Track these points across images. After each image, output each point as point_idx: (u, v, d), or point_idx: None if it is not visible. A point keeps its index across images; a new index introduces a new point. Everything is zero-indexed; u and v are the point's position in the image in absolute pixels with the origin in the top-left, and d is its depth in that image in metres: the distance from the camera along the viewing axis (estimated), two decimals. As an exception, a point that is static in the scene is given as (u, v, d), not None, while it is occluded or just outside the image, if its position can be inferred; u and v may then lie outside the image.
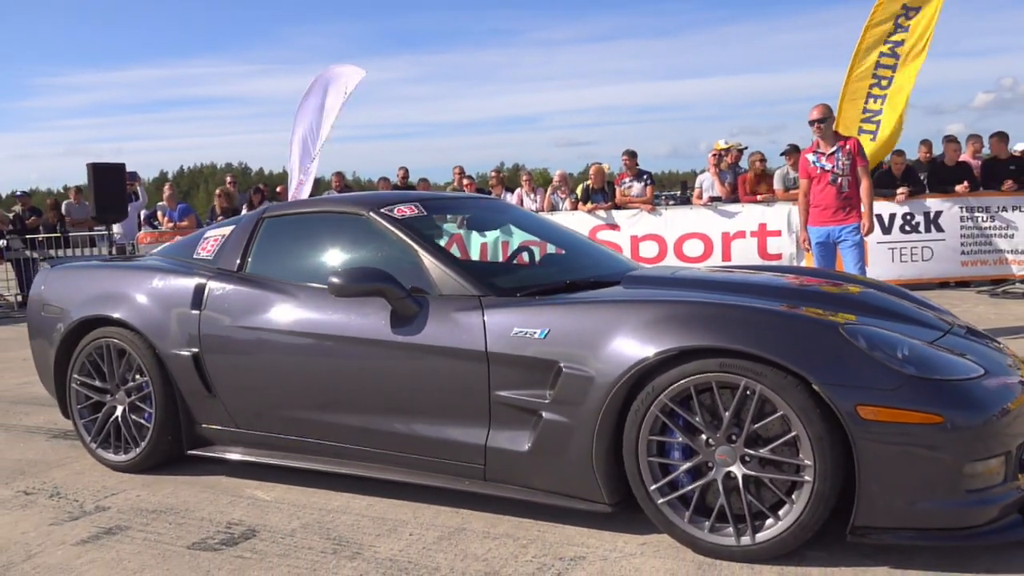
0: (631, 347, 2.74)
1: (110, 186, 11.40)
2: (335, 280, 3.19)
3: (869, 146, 8.65)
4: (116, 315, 3.86)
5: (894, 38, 8.59)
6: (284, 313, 3.51)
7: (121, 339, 3.85)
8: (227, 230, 4.02)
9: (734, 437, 2.63)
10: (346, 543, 2.95)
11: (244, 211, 12.12)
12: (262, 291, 3.62)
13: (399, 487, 3.34)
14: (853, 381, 2.48)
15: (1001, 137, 10.03)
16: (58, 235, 12.55)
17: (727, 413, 2.62)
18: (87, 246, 12.66)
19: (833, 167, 6.05)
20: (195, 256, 4.01)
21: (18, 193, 15.39)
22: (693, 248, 10.09)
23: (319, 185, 13.50)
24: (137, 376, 3.84)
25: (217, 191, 12.75)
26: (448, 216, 4.05)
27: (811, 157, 6.22)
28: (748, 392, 2.58)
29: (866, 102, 8.64)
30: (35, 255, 12.88)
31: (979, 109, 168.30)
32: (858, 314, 3.04)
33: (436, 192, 6.56)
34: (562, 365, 2.85)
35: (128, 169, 12.13)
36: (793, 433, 2.54)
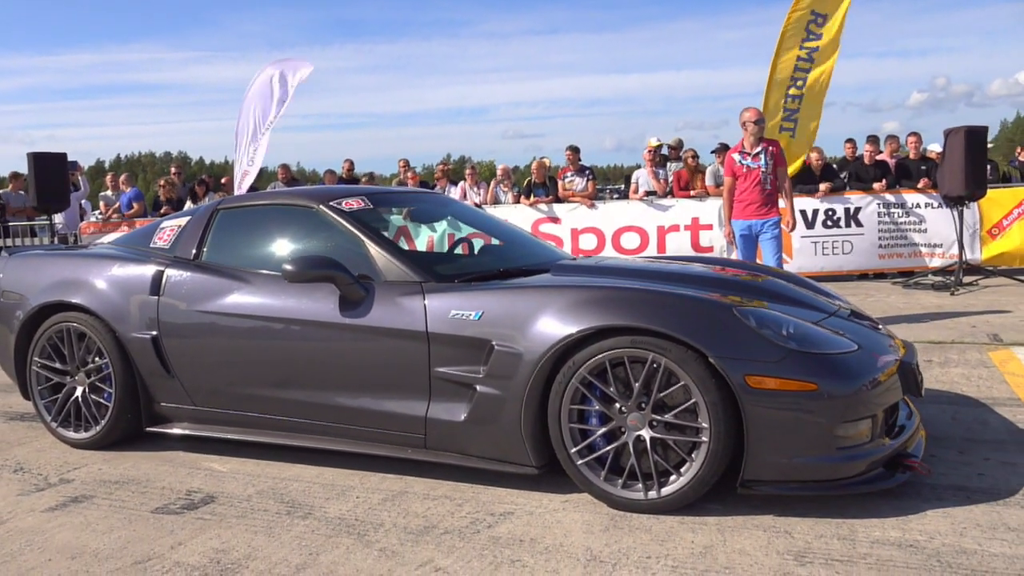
0: (555, 327, 3.09)
1: (51, 175, 11.37)
2: (288, 267, 3.48)
3: (789, 142, 9.20)
4: (76, 300, 4.08)
5: (808, 44, 9.15)
6: (239, 298, 3.78)
7: (81, 323, 4.07)
8: (183, 221, 4.27)
9: (643, 405, 3.01)
10: (298, 505, 3.26)
11: (188, 202, 12.22)
12: (218, 278, 3.88)
13: (347, 457, 3.65)
14: (742, 354, 2.88)
15: (917, 138, 10.72)
16: (-1, 224, 12.44)
17: (637, 384, 3.00)
18: (28, 236, 12.58)
19: (758, 167, 6.52)
20: (152, 245, 4.24)
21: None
22: (630, 241, 10.53)
23: (263, 176, 13.61)
24: (97, 358, 4.07)
25: (161, 181, 12.78)
26: (393, 209, 4.35)
27: (736, 157, 6.68)
28: (655, 365, 2.96)
29: (785, 101, 9.18)
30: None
31: (914, 107, 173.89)
32: (762, 299, 3.46)
33: (381, 187, 6.83)
34: (494, 343, 3.19)
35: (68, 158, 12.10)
36: (693, 400, 2.92)
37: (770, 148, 6.54)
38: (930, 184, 9.87)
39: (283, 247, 3.96)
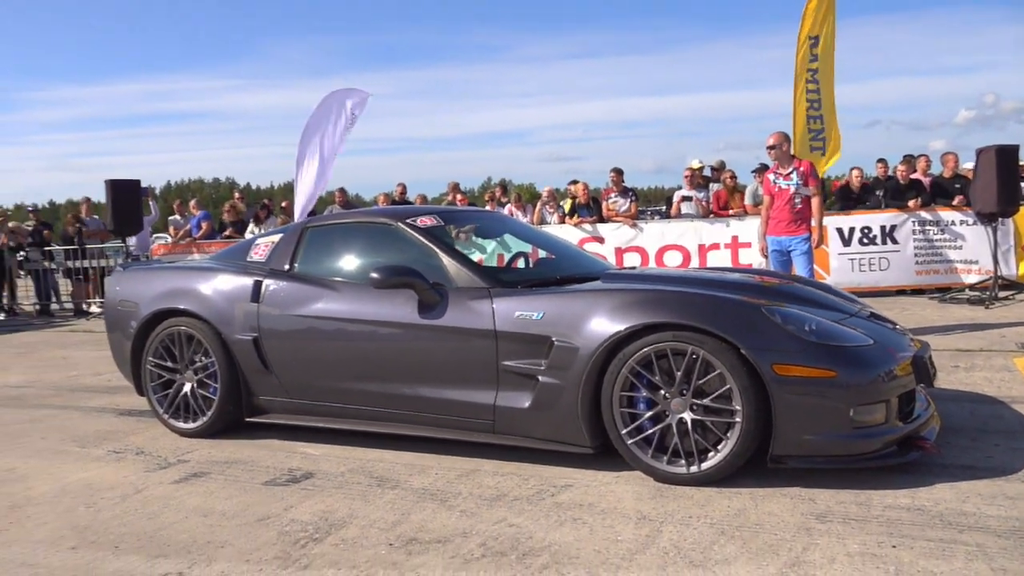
0: (607, 324, 3.59)
1: (127, 201, 12.23)
2: (374, 275, 4.04)
3: (821, 161, 9.63)
4: (186, 307, 4.69)
5: (812, 65, 9.65)
6: (328, 304, 4.34)
7: (190, 327, 4.67)
8: (276, 238, 4.86)
9: (684, 391, 3.48)
10: (386, 480, 3.78)
11: (251, 224, 12.97)
12: (309, 287, 4.45)
13: (423, 442, 4.18)
14: (770, 346, 3.35)
15: (952, 157, 11.04)
16: (76, 247, 13.31)
17: (679, 373, 3.48)
18: (102, 257, 13.42)
19: (790, 186, 6.97)
20: (249, 259, 4.84)
21: (30, 208, 16.17)
22: (672, 259, 10.98)
23: (318, 199, 14.33)
24: (203, 357, 4.66)
25: (226, 206, 13.57)
26: (459, 225, 4.89)
27: (771, 177, 7.14)
28: (694, 356, 3.44)
29: (809, 123, 9.63)
30: (52, 266, 13.67)
31: (961, 125, 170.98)
32: (789, 303, 3.92)
33: (448, 207, 7.41)
34: (554, 339, 3.70)
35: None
36: (727, 387, 3.39)
37: (801, 167, 6.98)
38: (964, 202, 10.17)
39: (366, 259, 4.51)
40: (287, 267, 4.64)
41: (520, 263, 5.09)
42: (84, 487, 3.87)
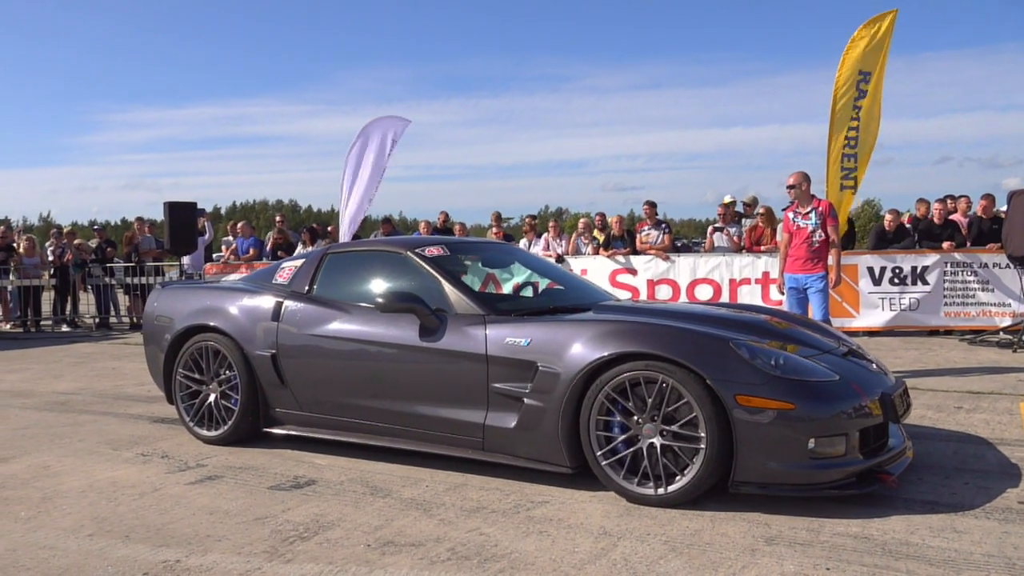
0: (585, 352, 3.85)
1: (183, 222, 12.90)
2: (380, 300, 4.38)
3: (850, 199, 9.69)
4: (214, 324, 5.09)
5: (859, 102, 9.68)
6: (340, 325, 4.69)
7: (217, 342, 5.07)
8: (299, 262, 5.25)
9: (655, 417, 3.72)
10: (380, 489, 4.08)
11: (298, 246, 13.53)
12: (324, 308, 4.81)
13: (421, 456, 4.47)
14: (733, 378, 3.57)
15: (988, 199, 10.99)
16: (133, 264, 14.03)
17: (650, 400, 3.71)
18: (159, 275, 14.11)
19: (808, 225, 7.13)
20: (274, 281, 5.23)
21: (95, 226, 17.05)
22: (703, 293, 11.13)
23: (366, 224, 14.87)
24: (227, 371, 5.04)
25: (277, 229, 14.18)
26: (467, 255, 5.20)
27: (791, 215, 7.31)
28: (664, 385, 3.67)
29: (843, 161, 9.70)
30: (112, 282, 14.42)
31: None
32: (779, 341, 4.11)
33: (459, 237, 7.75)
34: (539, 364, 3.97)
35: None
36: (694, 414, 3.61)
37: (819, 207, 7.13)
38: (996, 247, 10.12)
39: (377, 285, 4.85)
40: (306, 289, 5.02)
41: (527, 292, 5.38)
42: (109, 484, 4.26)
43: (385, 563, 3.11)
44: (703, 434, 3.59)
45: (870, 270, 10.51)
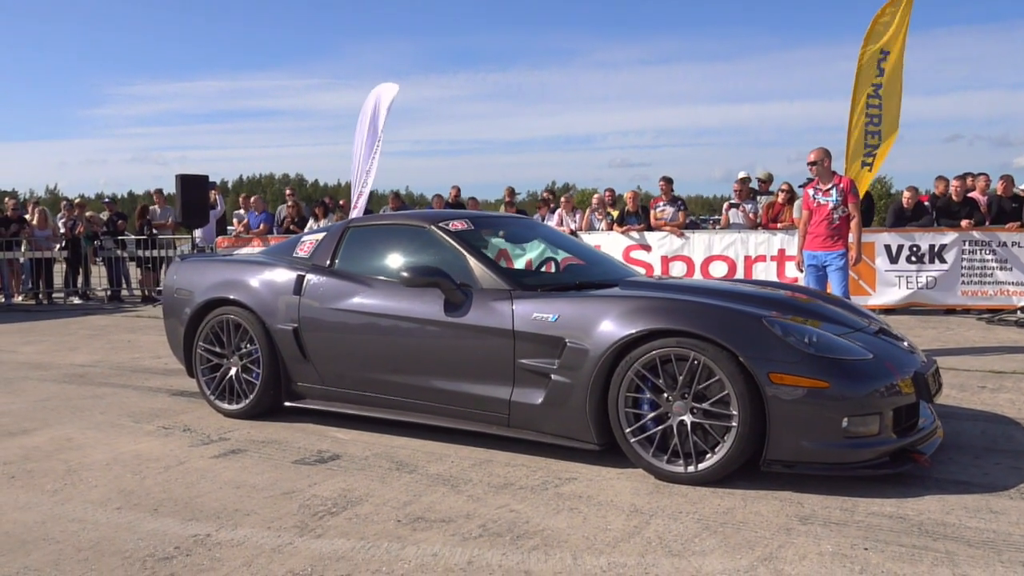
0: (615, 329, 3.81)
1: (195, 195, 12.85)
2: (404, 274, 4.33)
3: (868, 177, 9.57)
4: (235, 297, 5.05)
5: (876, 80, 9.57)
6: (363, 299, 4.65)
7: (238, 316, 5.03)
8: (320, 236, 5.20)
9: (686, 395, 3.68)
10: (405, 464, 4.06)
11: (310, 221, 13.47)
12: (347, 283, 4.77)
13: (444, 432, 4.45)
14: (767, 355, 3.52)
15: (1007, 178, 10.87)
16: (145, 237, 14.00)
17: (681, 377, 3.67)
18: (171, 248, 14.08)
19: (828, 202, 7.04)
20: (294, 255, 5.19)
21: (105, 199, 17.02)
22: (718, 270, 11.05)
23: (373, 198, 14.80)
24: (248, 345, 5.01)
25: (289, 203, 14.12)
26: (491, 230, 5.15)
27: (811, 192, 7.22)
28: (695, 362, 3.63)
29: (866, 138, 9.58)
30: (124, 254, 14.41)
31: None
32: (798, 315, 4.07)
33: (482, 211, 7.70)
34: (567, 341, 3.93)
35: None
36: (726, 392, 3.57)
37: (840, 184, 7.04)
38: (1016, 226, 10.01)
39: (400, 259, 4.80)
40: (328, 263, 4.97)
41: (552, 267, 5.32)
42: (133, 457, 4.25)
43: (417, 539, 3.08)
44: (735, 412, 3.54)
45: (887, 248, 10.41)
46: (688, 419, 3.67)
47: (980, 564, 2.79)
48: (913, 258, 10.36)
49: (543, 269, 5.38)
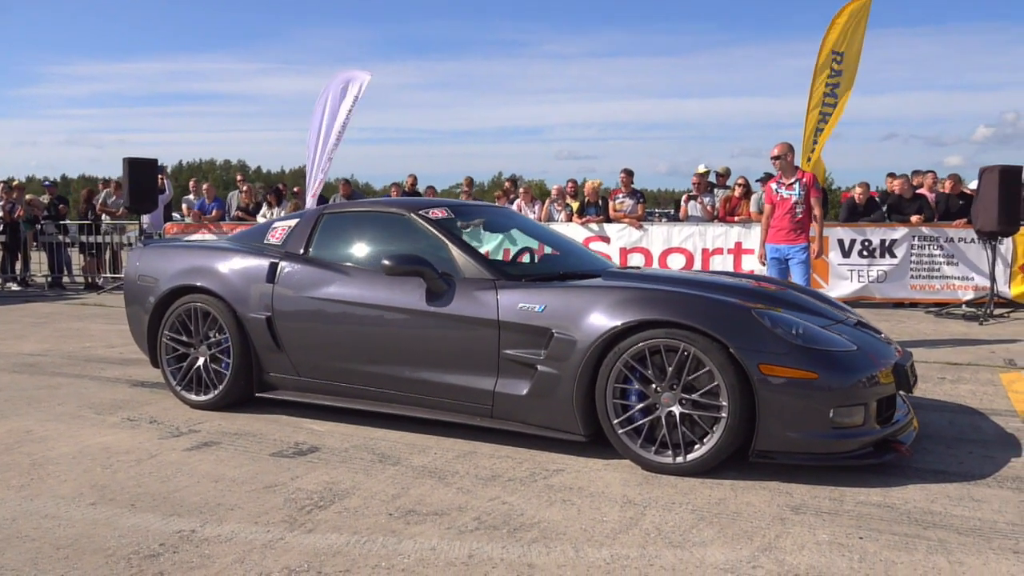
0: (604, 319, 3.79)
1: (143, 179, 12.45)
2: (386, 262, 4.23)
3: (808, 169, 9.81)
4: (204, 285, 4.89)
5: (831, 80, 9.81)
6: (340, 288, 4.54)
7: (207, 304, 4.87)
8: (292, 222, 5.06)
9: (674, 386, 3.68)
10: (387, 456, 3.98)
11: (263, 208, 13.18)
12: (323, 271, 4.65)
13: (424, 423, 4.38)
14: (757, 347, 3.54)
15: (954, 177, 11.21)
16: (89, 222, 13.53)
17: (670, 368, 3.67)
18: (118, 233, 13.64)
19: (791, 196, 7.15)
20: (266, 241, 5.04)
21: (46, 182, 16.40)
22: (675, 262, 11.16)
23: (324, 187, 14.60)
24: (218, 334, 4.86)
25: (244, 188, 13.80)
26: (469, 219, 5.08)
27: (774, 186, 7.32)
28: (685, 353, 3.63)
29: (815, 135, 9.81)
30: (66, 240, 13.90)
31: (979, 143, 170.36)
32: (781, 307, 4.10)
33: (459, 200, 7.62)
34: (554, 331, 3.89)
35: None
36: (715, 383, 3.58)
37: (804, 179, 7.15)
38: (965, 222, 10.32)
39: (379, 247, 4.70)
40: (302, 251, 4.84)
41: (525, 258, 5.28)
42: (101, 450, 4.08)
43: (412, 532, 3.02)
44: (725, 403, 3.56)
45: (840, 242, 10.64)
46: (676, 410, 3.67)
47: (972, 552, 2.84)
48: (865, 252, 10.61)
49: (518, 259, 5.33)
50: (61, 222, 13.84)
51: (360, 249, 4.76)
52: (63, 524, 3.11)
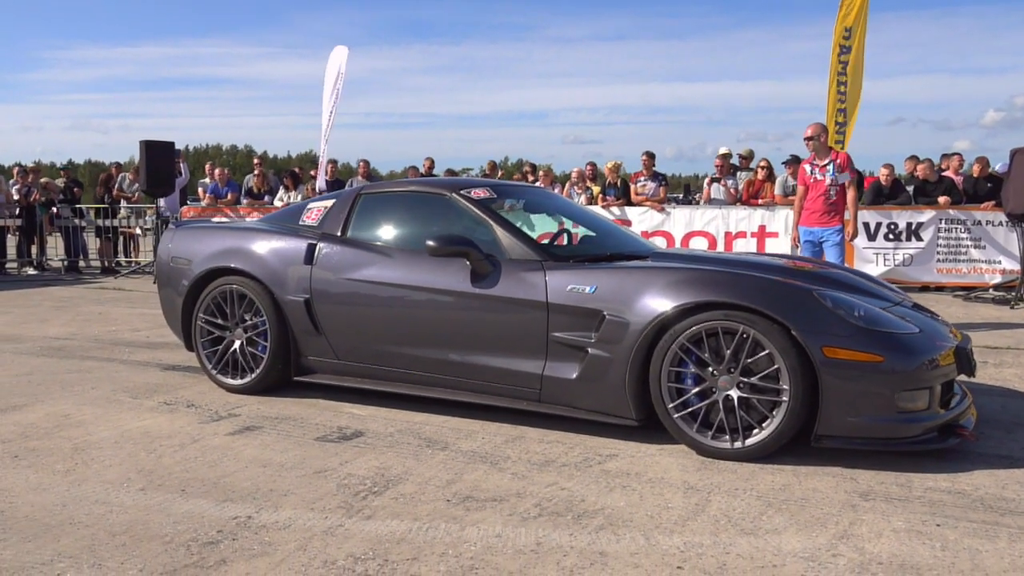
0: (659, 301, 3.69)
1: (160, 162, 12.34)
2: (431, 243, 4.13)
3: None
4: (240, 267, 4.80)
5: (843, 58, 9.67)
6: (381, 270, 4.45)
7: (243, 286, 4.78)
8: (328, 203, 4.96)
9: (732, 369, 3.58)
10: (435, 441, 3.90)
11: (280, 191, 13.10)
12: (363, 252, 4.56)
13: (466, 408, 4.30)
14: (820, 329, 3.44)
15: (983, 160, 11.05)
16: (106, 206, 13.46)
17: (728, 351, 3.57)
18: (139, 217, 13.57)
19: (825, 177, 7.02)
20: (301, 223, 4.95)
21: (61, 167, 16.31)
22: (698, 245, 11.03)
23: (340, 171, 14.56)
24: (254, 316, 4.77)
25: (256, 173, 13.69)
26: (511, 199, 4.97)
27: (808, 168, 7.18)
28: (744, 336, 3.53)
29: (836, 116, 9.67)
30: (82, 223, 13.84)
31: (988, 127, 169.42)
32: (837, 289, 4.00)
33: (501, 180, 7.51)
34: (606, 313, 3.80)
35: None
36: (776, 366, 3.48)
37: (838, 159, 7.02)
38: (993, 204, 10.17)
39: (419, 228, 4.60)
40: (340, 232, 4.74)
41: (565, 239, 5.17)
42: (142, 434, 4.01)
43: (474, 519, 2.94)
44: (786, 386, 3.46)
45: (866, 226, 10.49)
46: (735, 394, 3.58)
47: (1057, 540, 2.75)
48: (891, 236, 10.48)
49: (556, 241, 5.22)
50: (77, 206, 13.77)
51: (400, 230, 4.66)
52: (115, 510, 3.04)
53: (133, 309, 8.74)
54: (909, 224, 10.46)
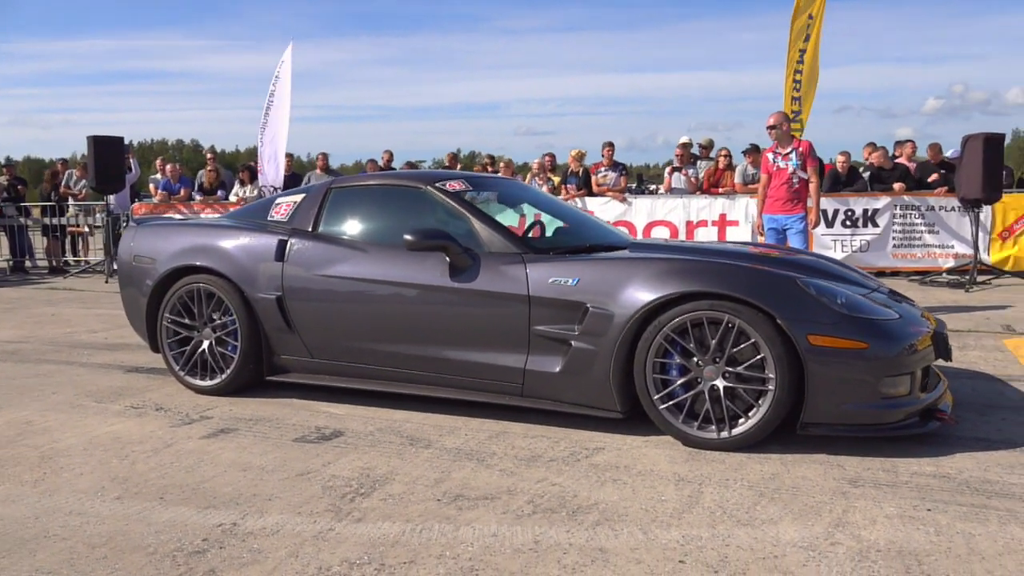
0: (643, 292, 3.66)
1: (109, 158, 11.97)
2: (408, 237, 4.05)
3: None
4: (207, 264, 4.65)
5: (802, 45, 9.81)
6: (356, 265, 4.35)
7: (211, 284, 4.64)
8: (297, 198, 4.84)
9: (718, 359, 3.57)
10: (417, 439, 3.83)
11: (235, 185, 12.83)
12: (336, 247, 4.45)
13: (447, 404, 4.23)
14: (805, 317, 3.44)
15: (935, 146, 11.28)
16: (52, 204, 13.03)
17: (713, 341, 3.56)
18: (88, 215, 13.16)
19: (788, 165, 7.08)
20: (269, 218, 4.81)
21: (4, 164, 15.75)
22: (660, 235, 11.08)
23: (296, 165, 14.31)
24: (223, 315, 4.63)
25: (209, 168, 13.38)
26: (484, 191, 4.90)
27: (771, 156, 7.24)
28: (730, 325, 3.52)
29: (791, 104, 9.79)
30: (28, 222, 13.38)
31: (929, 114, 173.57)
32: (808, 275, 4.01)
33: (474, 172, 7.42)
34: (589, 305, 3.76)
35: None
36: (761, 355, 3.48)
37: (800, 148, 7.09)
38: (946, 190, 10.39)
39: (394, 222, 4.50)
40: (311, 227, 4.63)
41: (539, 232, 5.11)
42: (112, 440, 3.86)
43: (468, 519, 2.88)
44: (772, 375, 3.46)
45: (824, 212, 10.60)
46: (720, 383, 3.58)
47: (1045, 521, 2.80)
48: (848, 222, 10.64)
49: (532, 233, 5.17)
50: (22, 204, 13.31)
51: (375, 224, 4.57)
52: (92, 521, 2.92)
53: (88, 309, 8.47)
54: (866, 211, 10.64)
